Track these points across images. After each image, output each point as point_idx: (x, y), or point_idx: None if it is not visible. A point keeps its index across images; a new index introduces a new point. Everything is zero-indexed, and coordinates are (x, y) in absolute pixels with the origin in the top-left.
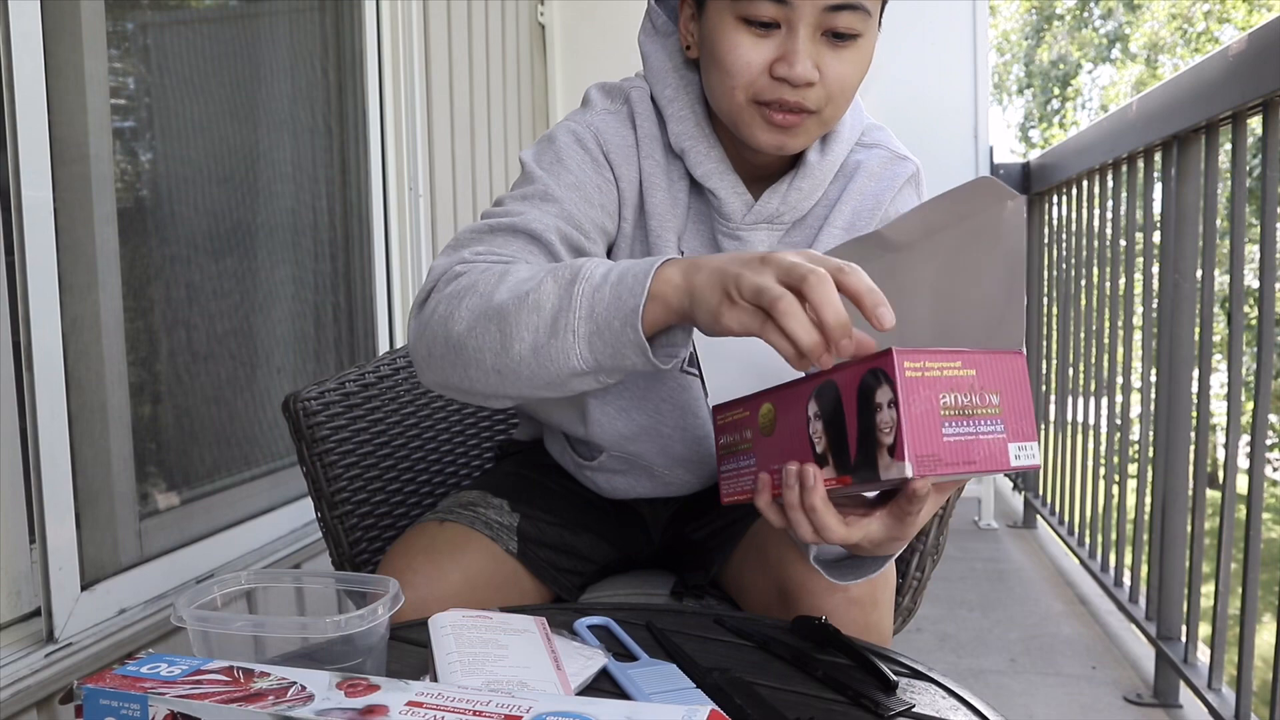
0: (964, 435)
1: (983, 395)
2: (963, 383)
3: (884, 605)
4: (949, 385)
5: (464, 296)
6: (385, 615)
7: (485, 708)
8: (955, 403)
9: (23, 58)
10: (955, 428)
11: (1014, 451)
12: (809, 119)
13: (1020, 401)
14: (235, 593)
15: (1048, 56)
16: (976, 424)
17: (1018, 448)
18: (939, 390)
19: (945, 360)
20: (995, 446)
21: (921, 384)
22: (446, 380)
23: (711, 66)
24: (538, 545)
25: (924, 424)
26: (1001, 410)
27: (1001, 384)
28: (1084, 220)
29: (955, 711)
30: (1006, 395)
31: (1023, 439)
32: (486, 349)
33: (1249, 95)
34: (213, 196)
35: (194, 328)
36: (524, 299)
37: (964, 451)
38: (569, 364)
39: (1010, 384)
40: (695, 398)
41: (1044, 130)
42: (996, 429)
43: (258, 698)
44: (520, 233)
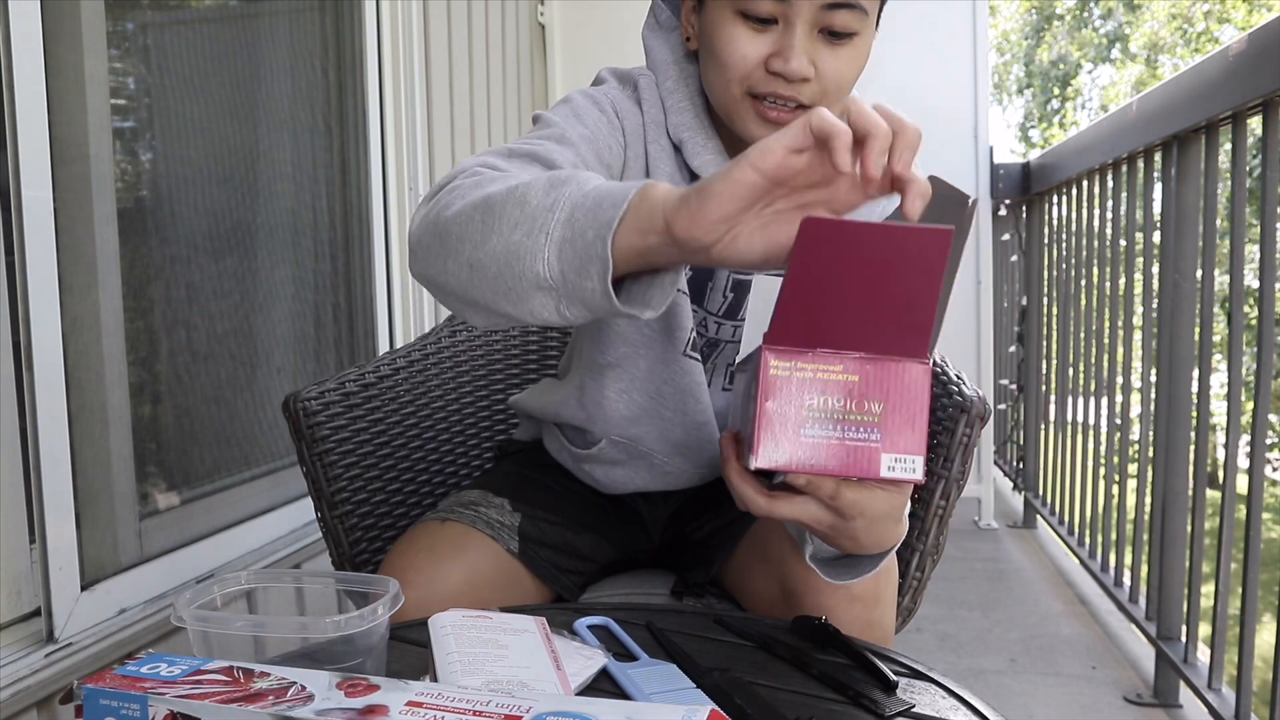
0: (826, 438)
1: (861, 402)
2: (839, 387)
3: (887, 603)
4: (821, 388)
5: (466, 190)
6: (385, 615)
7: (485, 708)
8: (824, 405)
9: (23, 57)
10: (817, 430)
11: (887, 461)
12: (802, 115)
13: (909, 412)
14: (235, 593)
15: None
16: (844, 429)
17: (893, 459)
18: (807, 391)
19: (825, 362)
20: (863, 454)
21: (788, 383)
22: (426, 270)
23: (709, 58)
24: (539, 545)
25: (780, 421)
26: (881, 420)
27: (889, 393)
28: (1084, 220)
29: (955, 711)
30: (893, 405)
31: (902, 450)
32: (467, 239)
33: (1249, 95)
34: (213, 196)
35: (194, 327)
36: (513, 192)
37: (822, 453)
38: (534, 267)
39: (901, 393)
40: (697, 383)
41: (1044, 130)
42: (869, 436)
43: (258, 698)
44: (538, 160)
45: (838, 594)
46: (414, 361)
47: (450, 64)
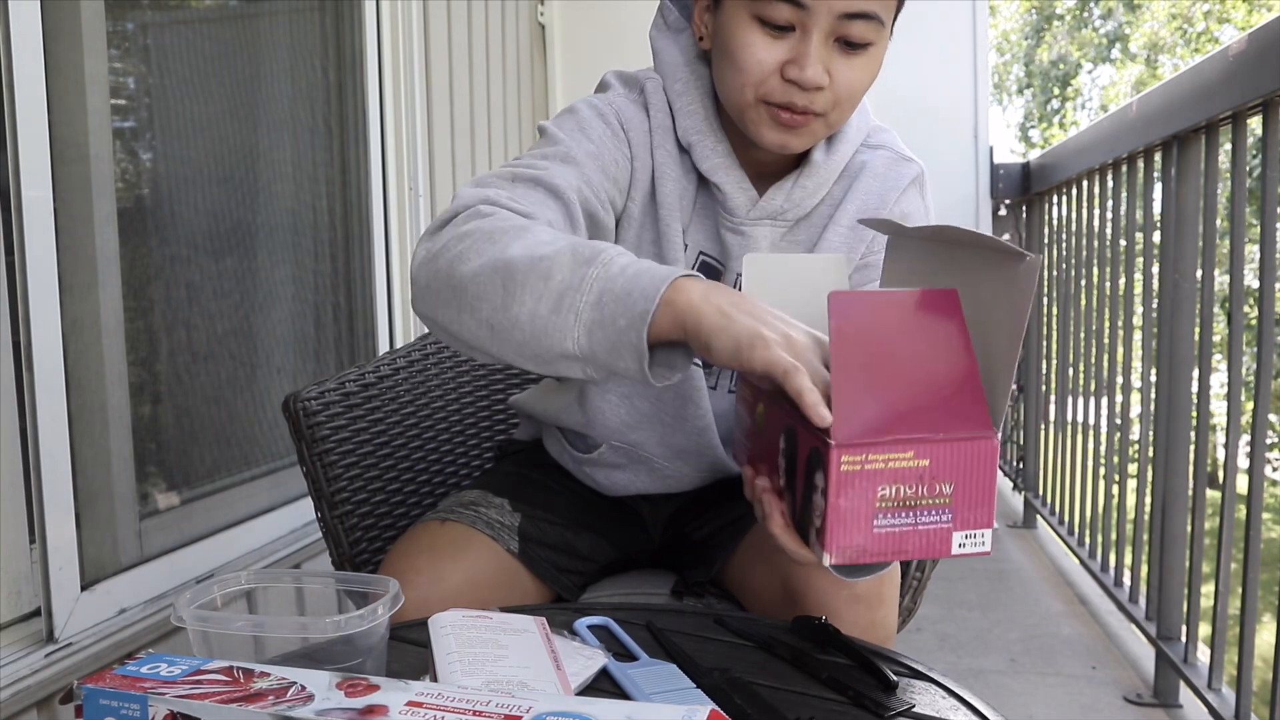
0: (900, 526)
1: (932, 485)
2: (910, 474)
3: (889, 603)
4: (892, 477)
5: (480, 240)
6: (385, 615)
7: (485, 708)
8: (896, 494)
9: (23, 57)
10: (891, 520)
11: (958, 540)
12: (815, 120)
13: (979, 488)
14: (235, 593)
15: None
16: (917, 515)
17: (964, 536)
18: (878, 483)
19: (895, 450)
20: (937, 536)
21: (859, 478)
22: (437, 317)
23: (724, 61)
24: (539, 545)
25: (853, 517)
26: (953, 500)
27: (960, 472)
28: (1084, 220)
29: (955, 711)
30: (964, 483)
31: (972, 527)
32: (485, 301)
33: (1249, 95)
34: (213, 196)
35: (194, 328)
36: (537, 263)
37: (897, 542)
38: (563, 344)
39: (971, 470)
40: (697, 389)
41: (1044, 130)
42: (942, 519)
43: (257, 698)
44: (542, 186)
45: (841, 594)
46: (414, 361)
47: (450, 64)
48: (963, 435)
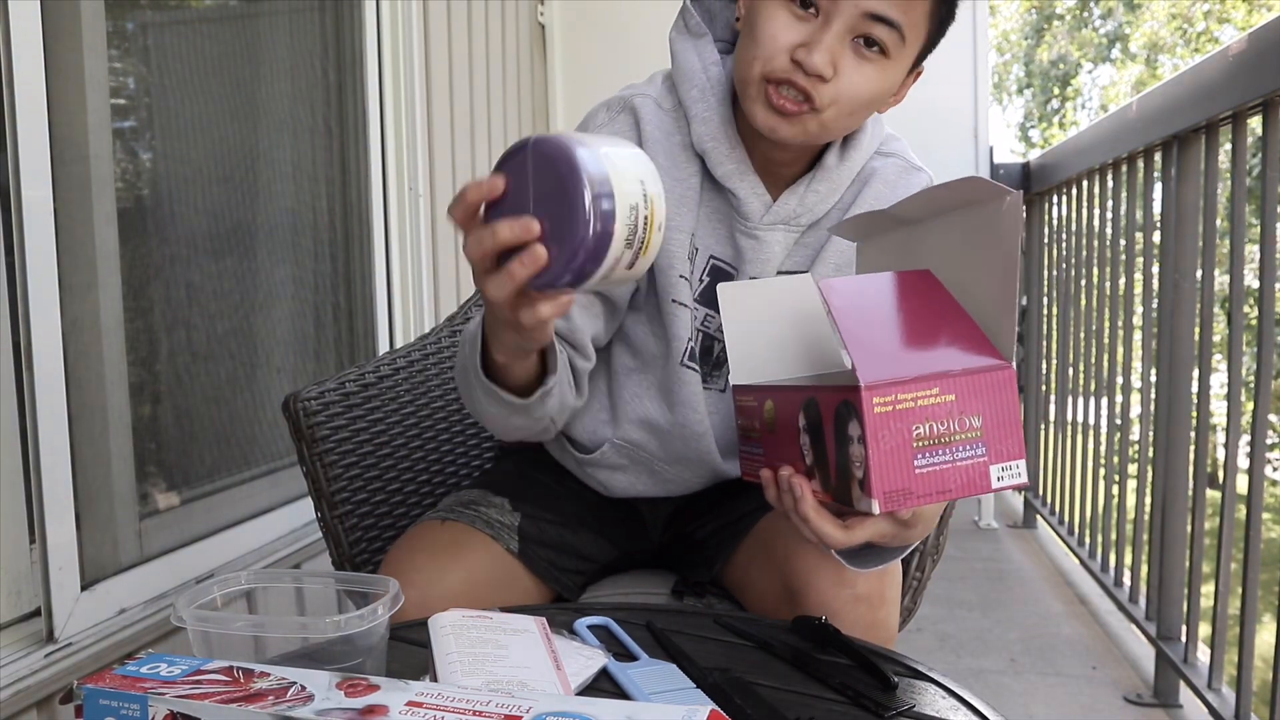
0: (939, 465)
1: (962, 420)
2: (940, 410)
3: (891, 603)
4: (923, 415)
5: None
6: (385, 615)
7: (485, 708)
8: (930, 432)
9: (23, 57)
10: (929, 458)
11: (996, 473)
12: (808, 114)
13: (1006, 419)
14: (235, 593)
15: (1047, 56)
16: (954, 450)
17: (1000, 469)
18: (911, 422)
19: (921, 388)
20: (975, 471)
21: (891, 418)
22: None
23: (745, 38)
24: (539, 544)
25: (893, 459)
26: (983, 432)
27: (985, 404)
28: (1084, 220)
29: (955, 711)
30: (990, 415)
31: (1007, 458)
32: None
33: (1249, 95)
34: (213, 196)
35: (194, 328)
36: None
37: (938, 481)
38: (473, 410)
39: (996, 402)
40: (694, 393)
41: (1044, 130)
42: (977, 452)
43: (257, 698)
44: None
45: (843, 594)
46: (414, 361)
47: (450, 64)
48: (979, 367)
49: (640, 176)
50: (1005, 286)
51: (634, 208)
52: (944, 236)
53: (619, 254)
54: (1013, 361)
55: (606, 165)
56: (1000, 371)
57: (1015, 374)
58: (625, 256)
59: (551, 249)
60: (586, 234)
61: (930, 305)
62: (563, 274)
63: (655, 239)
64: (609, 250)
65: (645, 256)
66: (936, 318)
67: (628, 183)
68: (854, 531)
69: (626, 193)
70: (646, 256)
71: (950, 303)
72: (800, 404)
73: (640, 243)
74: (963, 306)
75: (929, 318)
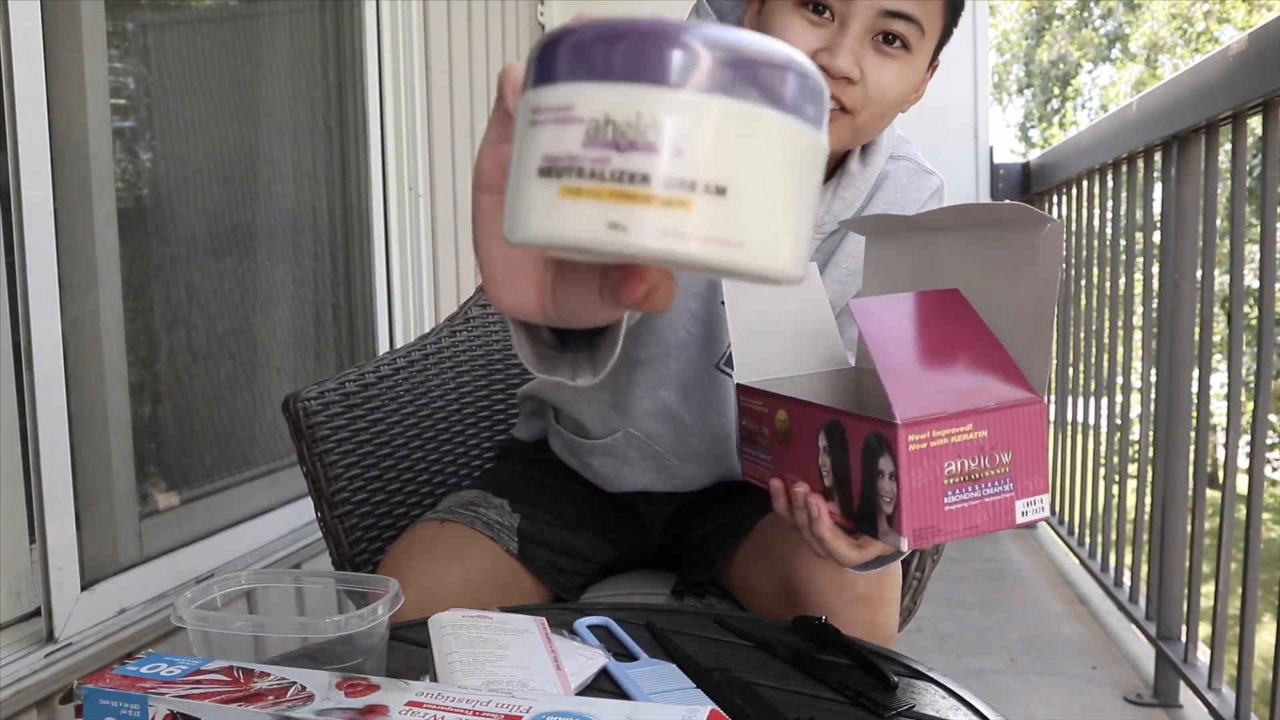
0: (968, 501)
1: (993, 456)
2: (971, 447)
3: (890, 604)
4: (956, 452)
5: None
6: (385, 615)
7: (485, 708)
8: (961, 469)
9: (23, 57)
10: (959, 495)
11: (1021, 509)
12: (841, 118)
13: (1033, 454)
14: (235, 593)
15: (1048, 56)
16: (983, 487)
17: (1025, 504)
18: (944, 459)
19: (954, 425)
20: (1001, 507)
21: (925, 455)
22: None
23: None
24: (538, 545)
25: (925, 496)
26: (1012, 469)
27: (1015, 439)
28: (1084, 220)
29: (955, 711)
30: (1019, 450)
31: (1032, 493)
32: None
33: (1249, 95)
34: (213, 196)
35: (194, 328)
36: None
37: (966, 518)
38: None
39: (1025, 437)
40: (723, 397)
41: (1044, 130)
42: (1004, 488)
43: (257, 698)
44: None
45: (843, 595)
46: (414, 361)
47: (450, 64)
48: (1012, 402)
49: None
50: (1040, 317)
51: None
52: (963, 249)
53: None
54: (1044, 394)
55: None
56: (1032, 406)
57: (1046, 409)
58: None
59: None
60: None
61: (960, 328)
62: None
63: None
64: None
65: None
66: (967, 343)
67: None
68: (866, 550)
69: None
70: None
71: (979, 327)
72: (821, 424)
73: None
74: (991, 331)
75: (960, 342)
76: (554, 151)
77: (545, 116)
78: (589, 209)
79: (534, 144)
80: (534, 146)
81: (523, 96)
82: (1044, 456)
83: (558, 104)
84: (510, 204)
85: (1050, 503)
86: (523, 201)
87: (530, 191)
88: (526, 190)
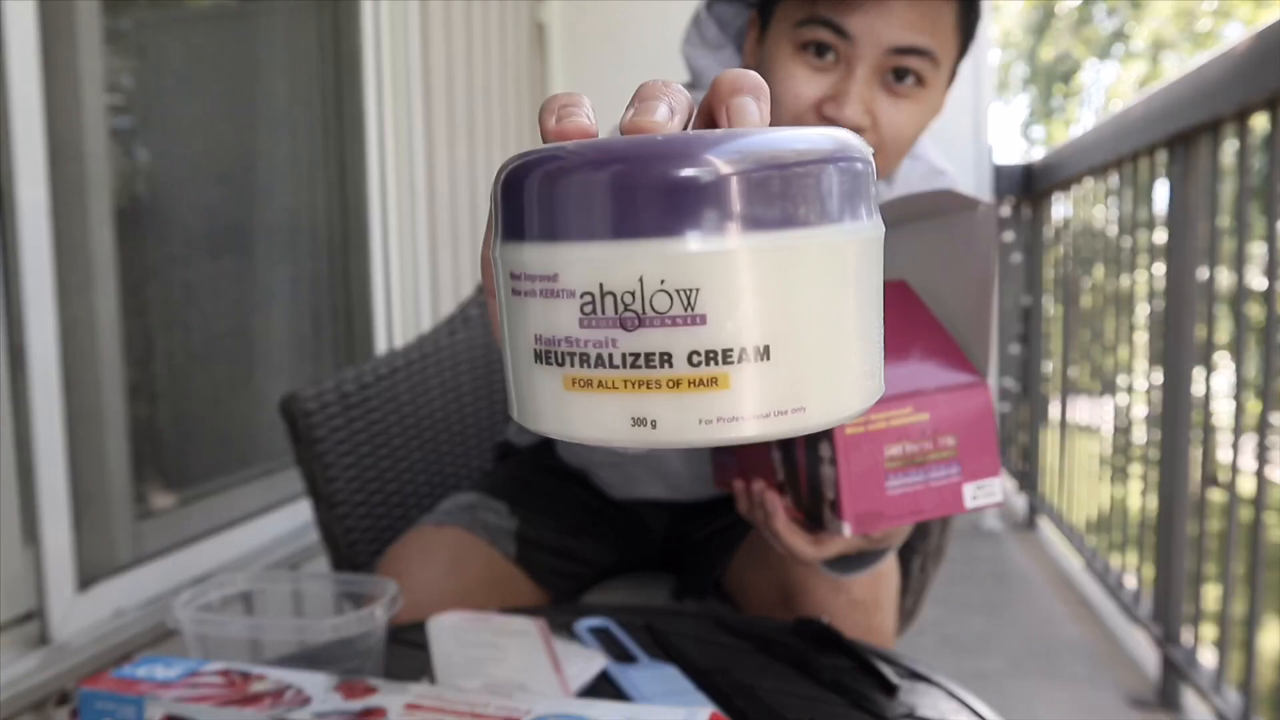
0: (911, 486)
1: (936, 440)
2: (913, 430)
3: (887, 608)
4: (896, 435)
5: None
6: (383, 617)
7: (484, 710)
8: (903, 453)
9: (18, 55)
10: (901, 479)
11: (970, 493)
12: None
13: (981, 437)
14: (232, 594)
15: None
16: (927, 471)
17: (975, 488)
18: (884, 442)
19: (893, 408)
20: (948, 492)
21: (864, 440)
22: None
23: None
24: (536, 549)
25: (865, 481)
26: (958, 452)
27: (959, 422)
28: (1087, 219)
29: (957, 714)
30: (965, 433)
31: (982, 476)
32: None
33: (1255, 93)
34: (209, 196)
35: (191, 328)
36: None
37: (911, 502)
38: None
39: (970, 420)
40: None
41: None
42: (950, 472)
43: (254, 700)
44: None
45: (839, 599)
46: (412, 362)
47: (448, 63)
48: (954, 384)
49: None
50: (981, 300)
51: None
52: (910, 244)
53: None
54: (988, 377)
55: None
56: (975, 389)
57: (990, 391)
58: None
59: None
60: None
61: (904, 318)
62: None
63: None
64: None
65: None
66: (910, 331)
67: None
68: (824, 546)
69: None
70: None
71: (925, 315)
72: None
73: None
74: (938, 319)
75: (903, 331)
76: (547, 333)
77: (527, 286)
78: (604, 404)
79: (521, 320)
80: (522, 323)
81: (496, 246)
82: (993, 439)
83: (539, 271)
84: (513, 384)
85: (1000, 488)
86: (526, 389)
87: (530, 380)
88: (527, 377)
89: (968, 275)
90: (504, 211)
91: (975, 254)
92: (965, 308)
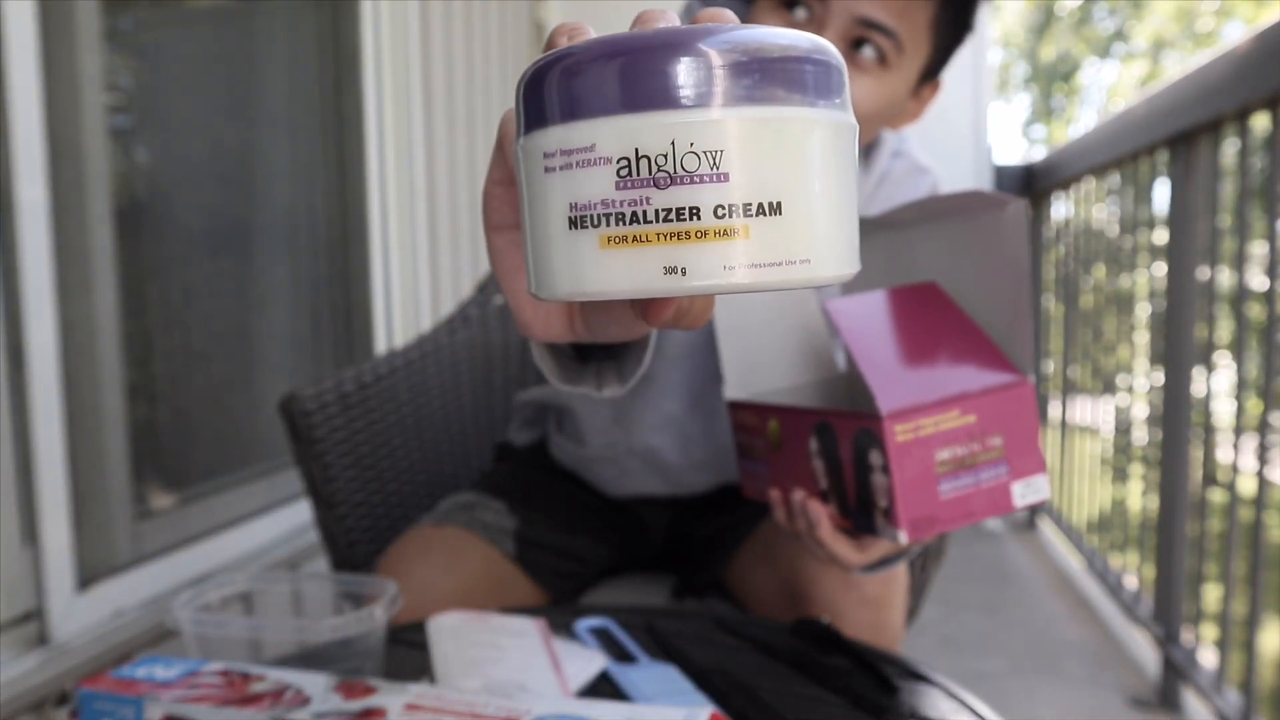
0: (964, 488)
1: (984, 441)
2: (961, 433)
3: (897, 606)
4: (946, 439)
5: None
6: (383, 618)
7: (484, 710)
8: (953, 456)
9: (18, 55)
10: (954, 482)
11: (1019, 491)
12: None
13: (1026, 434)
14: (232, 594)
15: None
16: (978, 473)
17: (1023, 485)
18: (934, 448)
19: (941, 412)
20: (998, 492)
21: (915, 445)
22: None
23: None
24: (536, 548)
25: (918, 487)
26: (1005, 451)
27: (1005, 421)
28: (1088, 219)
29: (957, 714)
30: (1011, 432)
31: (1028, 474)
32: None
33: (1256, 93)
34: (209, 196)
35: (190, 328)
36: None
37: (963, 505)
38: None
39: (1015, 418)
40: None
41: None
42: (999, 472)
43: (254, 701)
44: None
45: (849, 597)
46: (412, 362)
47: (448, 63)
48: (998, 385)
49: None
50: (1016, 297)
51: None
52: (937, 242)
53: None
54: (1030, 374)
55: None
56: (1020, 388)
57: (1034, 388)
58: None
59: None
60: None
61: (940, 319)
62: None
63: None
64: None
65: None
66: (947, 332)
67: None
68: (869, 551)
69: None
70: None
71: (959, 315)
72: (811, 427)
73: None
74: (972, 319)
75: (940, 333)
76: (583, 199)
77: (561, 161)
78: (639, 256)
79: (554, 193)
80: (555, 196)
81: (522, 141)
82: (1036, 437)
83: (576, 145)
84: (536, 260)
85: (1046, 483)
86: (557, 257)
87: (562, 247)
88: (558, 246)
89: (1000, 274)
90: (533, 105)
91: (1007, 252)
92: (1001, 306)
